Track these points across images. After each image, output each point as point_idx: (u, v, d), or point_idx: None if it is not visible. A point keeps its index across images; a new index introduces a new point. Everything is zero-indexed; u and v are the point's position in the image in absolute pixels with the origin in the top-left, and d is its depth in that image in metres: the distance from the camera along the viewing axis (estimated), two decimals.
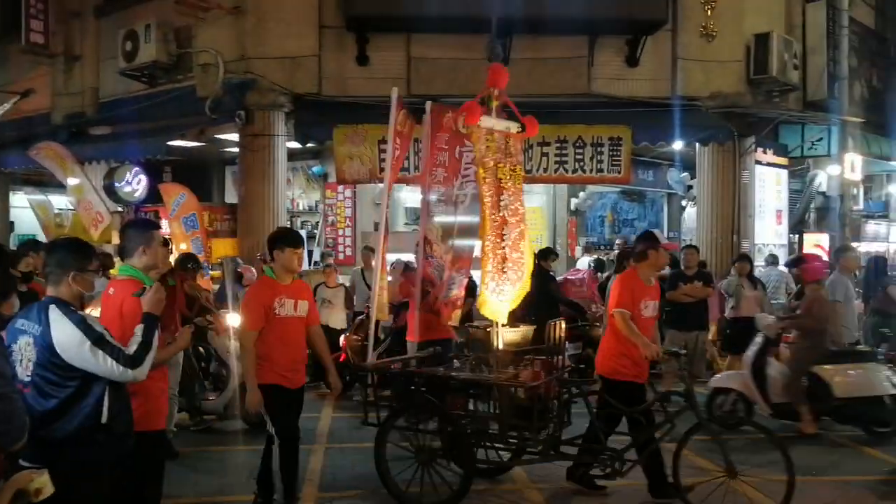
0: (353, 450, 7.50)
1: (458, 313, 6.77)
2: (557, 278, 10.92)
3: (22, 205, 17.91)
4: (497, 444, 5.98)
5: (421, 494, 5.73)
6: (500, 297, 6.15)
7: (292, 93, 11.84)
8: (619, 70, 12.24)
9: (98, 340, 3.41)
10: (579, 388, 6.29)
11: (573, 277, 11.63)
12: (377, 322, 10.05)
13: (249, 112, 11.77)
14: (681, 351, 6.28)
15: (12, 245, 14.26)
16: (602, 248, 14.81)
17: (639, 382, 5.90)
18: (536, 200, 15.16)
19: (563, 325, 6.29)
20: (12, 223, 17.60)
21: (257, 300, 5.25)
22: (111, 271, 9.50)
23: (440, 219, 6.52)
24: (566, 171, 12.09)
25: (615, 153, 12.09)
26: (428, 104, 6.55)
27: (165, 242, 6.82)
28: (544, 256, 9.98)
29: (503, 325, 6.18)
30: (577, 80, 12.00)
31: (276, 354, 5.21)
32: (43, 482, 3.08)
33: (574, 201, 14.63)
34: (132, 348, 3.53)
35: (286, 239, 5.41)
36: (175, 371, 6.92)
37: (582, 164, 12.04)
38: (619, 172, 12.24)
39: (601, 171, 12.09)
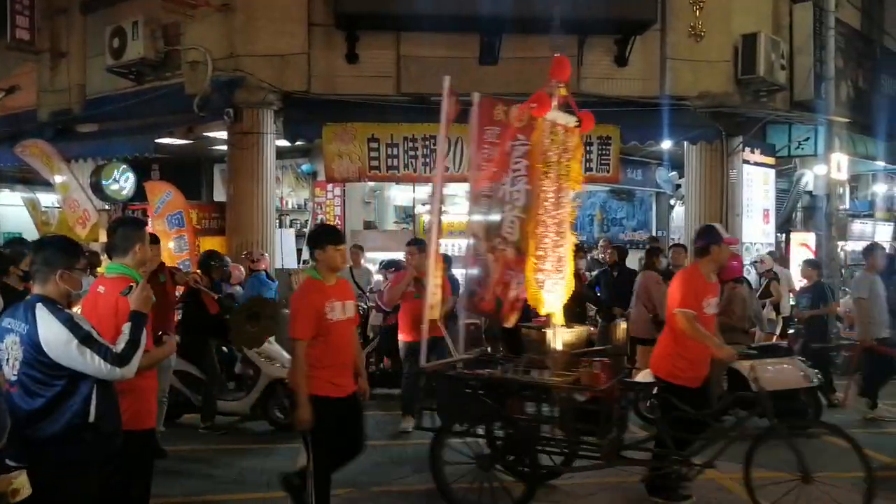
0: None
1: (517, 316, 6.40)
2: None
3: (7, 202, 17.78)
4: (551, 450, 5.82)
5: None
6: (555, 295, 6.06)
7: (281, 91, 11.79)
8: (608, 69, 12.29)
9: (85, 339, 3.40)
10: (643, 390, 6.05)
11: None
12: (384, 320, 10.10)
13: (238, 110, 11.71)
14: (751, 351, 6.15)
15: None
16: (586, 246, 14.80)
17: (695, 386, 5.69)
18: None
19: (624, 327, 6.23)
20: None
21: (308, 306, 4.79)
22: (98, 269, 9.48)
23: (486, 216, 6.23)
24: None
25: (604, 152, 12.13)
26: (475, 95, 6.22)
27: (156, 240, 6.72)
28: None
29: (560, 325, 5.99)
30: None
31: (326, 362, 4.79)
32: (21, 483, 3.06)
33: None
34: (120, 346, 3.51)
35: (328, 236, 5.02)
36: (165, 374, 6.86)
37: None
38: (608, 172, 12.28)
39: (590, 170, 12.09)
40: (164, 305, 6.38)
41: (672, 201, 16.74)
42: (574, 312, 7.79)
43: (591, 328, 10.53)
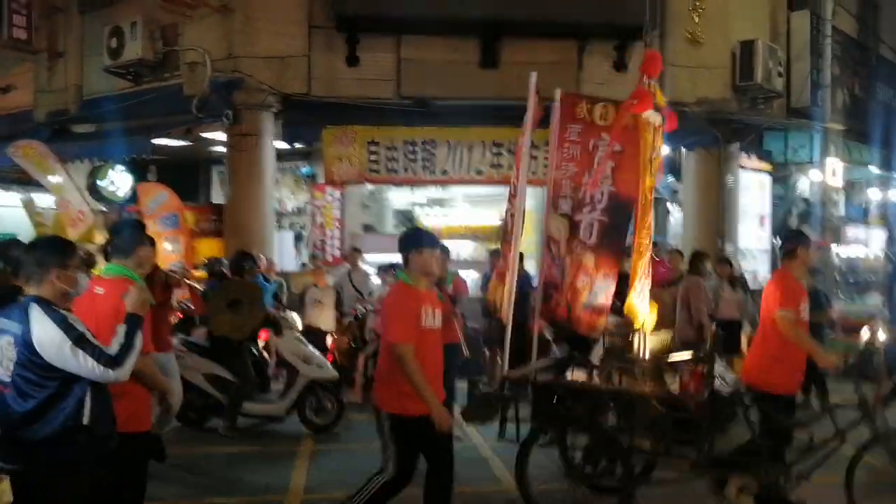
0: (340, 451, 7.56)
1: (602, 320, 6.12)
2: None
3: (2, 203, 17.64)
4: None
5: None
6: (644, 300, 5.90)
7: (281, 93, 11.77)
8: (607, 75, 12.31)
9: (79, 340, 3.38)
10: (737, 398, 5.69)
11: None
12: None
13: (237, 112, 11.67)
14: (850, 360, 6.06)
15: None
16: None
17: (791, 394, 5.52)
18: (526, 204, 15.16)
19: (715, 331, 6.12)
20: None
21: (407, 309, 4.52)
22: (93, 270, 9.42)
23: (565, 218, 6.09)
24: None
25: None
26: (557, 92, 6.10)
27: (152, 241, 6.68)
28: None
29: (647, 332, 5.77)
30: (565, 85, 11.73)
31: (425, 373, 4.49)
32: (2, 490, 3.05)
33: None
34: (114, 349, 3.49)
35: (425, 239, 4.79)
36: (172, 378, 6.62)
37: None
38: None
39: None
40: (158, 308, 6.26)
41: (669, 206, 16.77)
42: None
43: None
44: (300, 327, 8.50)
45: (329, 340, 10.16)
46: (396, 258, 10.93)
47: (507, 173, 12.04)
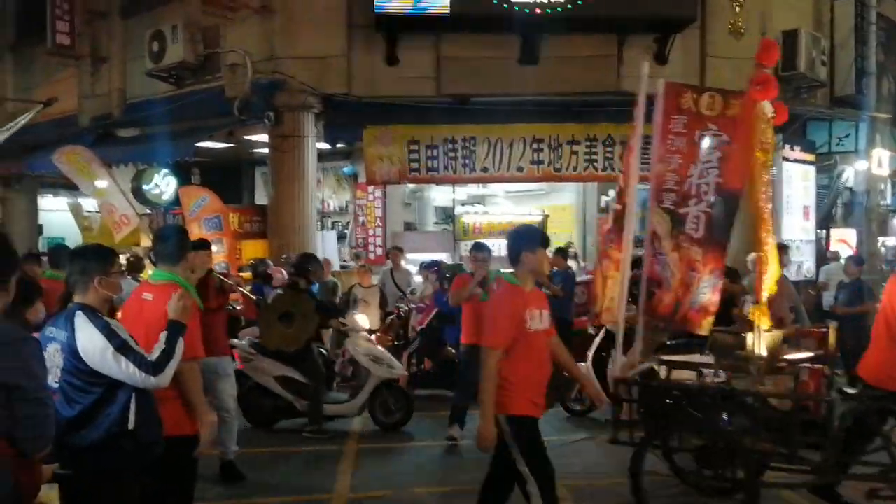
0: (385, 449, 7.60)
1: (709, 320, 5.89)
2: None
3: (50, 208, 18.00)
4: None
5: None
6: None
7: (321, 93, 11.83)
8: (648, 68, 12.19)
9: (121, 347, 3.43)
10: (867, 400, 5.33)
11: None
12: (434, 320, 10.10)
13: (279, 113, 11.75)
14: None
15: (41, 248, 14.32)
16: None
17: None
18: (566, 198, 15.16)
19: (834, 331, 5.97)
20: (41, 226, 17.68)
21: (510, 311, 4.30)
22: (141, 275, 9.55)
23: (670, 212, 5.88)
24: (596, 169, 12.09)
25: (646, 151, 12.03)
26: (660, 82, 5.91)
27: (206, 244, 6.55)
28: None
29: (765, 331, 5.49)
30: (606, 79, 11.97)
31: (528, 377, 4.31)
32: (50, 498, 3.10)
33: (604, 199, 14.59)
34: (154, 355, 3.54)
35: (540, 237, 4.57)
36: (226, 382, 6.50)
37: (612, 161, 12.04)
38: (649, 170, 12.17)
39: None
40: (207, 313, 6.29)
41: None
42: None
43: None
44: (367, 326, 8.43)
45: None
46: (439, 256, 11.05)
47: (547, 169, 12.05)
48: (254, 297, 8.72)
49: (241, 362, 8.02)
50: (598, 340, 8.56)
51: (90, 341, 3.40)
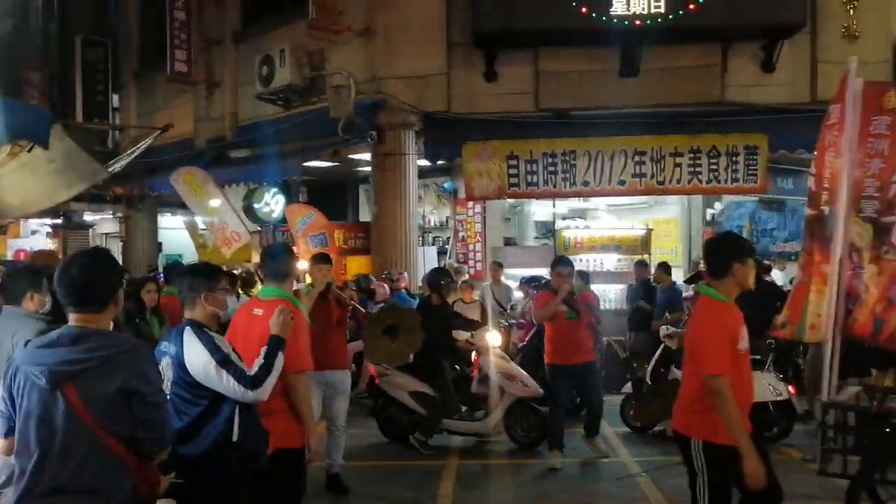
0: (486, 464, 7.62)
1: None
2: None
3: (169, 226, 18.98)
4: None
5: None
6: None
7: (422, 111, 12.04)
8: (754, 77, 11.85)
9: (223, 361, 3.56)
10: None
11: None
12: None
13: (381, 131, 12.01)
14: None
15: (161, 265, 15.08)
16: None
17: None
18: (671, 211, 14.83)
19: None
20: (160, 244, 18.68)
21: (726, 331, 3.92)
22: (253, 290, 9.93)
23: (872, 220, 5.48)
24: (700, 181, 11.79)
25: (751, 162, 11.69)
26: (858, 81, 5.54)
27: (326, 259, 6.56)
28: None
29: None
30: (709, 89, 11.70)
31: (738, 401, 3.84)
32: None
33: (709, 211, 14.21)
34: (254, 369, 3.65)
35: (748, 248, 4.21)
36: (342, 398, 6.57)
37: (716, 173, 11.71)
38: (755, 182, 11.82)
39: (736, 180, 11.73)
40: (327, 327, 6.35)
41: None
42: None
43: None
44: (499, 343, 8.30)
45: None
46: (539, 271, 11.00)
47: (650, 182, 11.83)
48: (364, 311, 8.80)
49: (376, 377, 8.17)
50: (656, 356, 8.56)
51: (195, 355, 3.57)
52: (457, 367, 8.57)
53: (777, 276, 12.60)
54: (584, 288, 8.39)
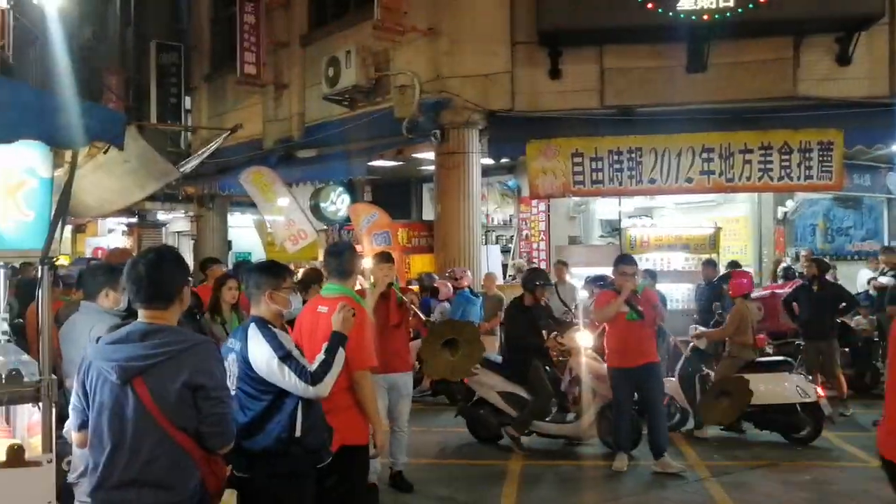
0: (550, 466, 7.51)
1: None
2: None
3: (238, 224, 19.42)
4: None
5: None
6: None
7: (486, 110, 12.02)
8: (828, 70, 11.48)
9: (285, 357, 3.60)
10: None
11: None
12: None
13: (444, 131, 12.02)
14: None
15: (229, 263, 15.42)
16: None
17: None
18: (740, 209, 14.48)
19: None
20: (230, 242, 19.14)
21: None
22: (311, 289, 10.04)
23: None
24: (771, 178, 11.48)
25: (825, 158, 11.34)
26: None
27: (388, 258, 6.45)
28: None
29: None
30: (781, 83, 11.39)
31: None
32: (229, 502, 3.30)
33: (781, 209, 13.83)
34: (314, 366, 3.67)
35: None
36: (405, 401, 6.50)
37: (788, 170, 11.39)
38: (830, 179, 11.46)
39: (810, 177, 11.39)
40: (389, 328, 6.26)
41: None
42: None
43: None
44: (590, 344, 8.05)
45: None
46: (604, 270, 10.88)
47: (718, 180, 11.59)
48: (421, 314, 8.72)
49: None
50: (684, 356, 8.54)
51: (259, 351, 3.63)
52: (547, 368, 8.29)
53: (863, 276, 12.20)
54: (648, 286, 8.19)
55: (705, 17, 10.67)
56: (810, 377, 8.40)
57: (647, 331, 7.20)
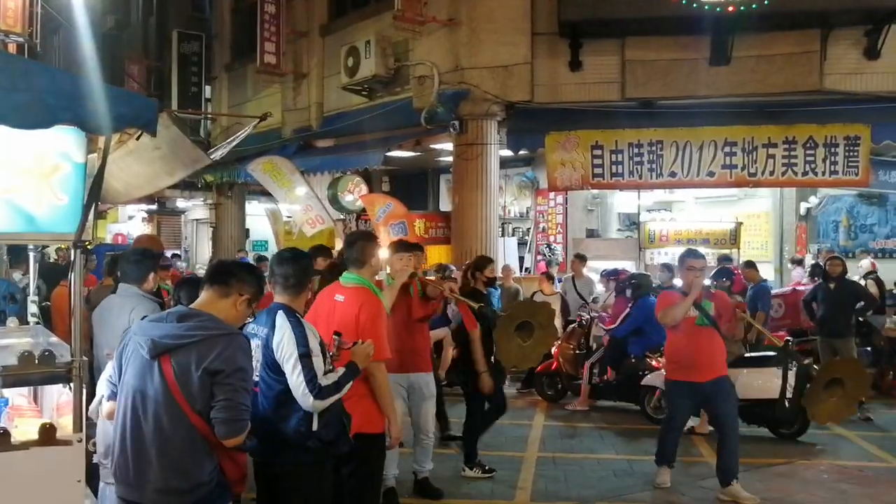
0: (565, 460, 7.43)
1: None
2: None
3: (256, 213, 19.47)
4: None
5: None
6: None
7: (505, 101, 11.90)
8: (856, 64, 11.24)
9: (304, 356, 3.56)
10: None
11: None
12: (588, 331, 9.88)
13: (463, 122, 11.93)
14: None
15: (249, 250, 15.47)
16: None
17: None
18: (762, 205, 14.31)
19: None
20: (248, 230, 19.19)
21: None
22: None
23: None
24: (795, 173, 11.31)
25: (851, 153, 11.15)
26: None
27: (411, 247, 5.98)
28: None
29: None
30: (807, 77, 11.16)
31: None
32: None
33: (804, 205, 13.64)
34: (327, 381, 3.63)
35: None
36: (428, 402, 6.12)
37: (813, 165, 11.22)
38: (857, 174, 11.28)
39: (835, 172, 11.22)
40: (410, 324, 5.85)
41: None
42: None
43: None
44: None
45: (554, 347, 10.11)
46: (622, 264, 10.78)
47: (740, 174, 11.44)
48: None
49: None
50: None
51: (285, 339, 3.60)
52: None
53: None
54: (718, 287, 7.81)
55: (730, 8, 10.47)
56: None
57: (718, 339, 6.25)
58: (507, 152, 12.64)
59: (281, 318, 3.66)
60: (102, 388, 3.56)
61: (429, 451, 6.20)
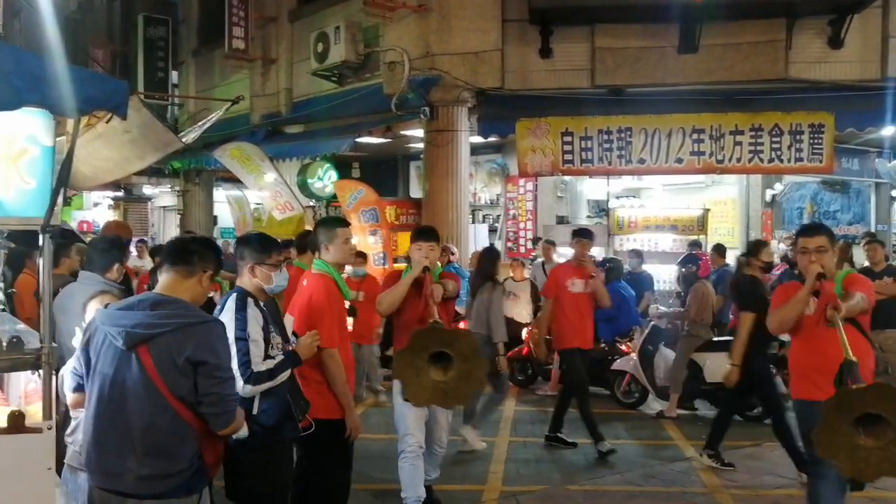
0: (537, 444, 7.50)
1: None
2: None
3: (224, 200, 19.27)
4: None
5: None
6: None
7: (476, 88, 11.90)
8: (820, 53, 11.40)
9: (240, 339, 3.61)
10: None
11: None
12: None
13: (434, 108, 11.89)
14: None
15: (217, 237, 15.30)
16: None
17: None
18: (728, 192, 14.49)
19: None
20: (216, 217, 18.99)
21: None
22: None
23: None
24: (761, 160, 11.46)
25: (816, 141, 11.32)
26: None
27: (429, 235, 5.39)
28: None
29: None
30: (773, 66, 11.29)
31: None
32: None
33: (769, 192, 13.84)
34: (261, 367, 3.67)
35: None
36: (441, 416, 5.57)
37: (779, 153, 11.38)
38: (821, 161, 11.45)
39: (800, 160, 11.39)
40: (416, 322, 5.11)
41: (894, 192, 15.38)
42: None
43: None
44: None
45: (524, 332, 10.18)
46: (595, 250, 10.84)
47: (708, 161, 11.56)
48: None
49: None
50: (644, 334, 9.09)
51: (227, 321, 3.60)
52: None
53: None
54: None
55: None
56: None
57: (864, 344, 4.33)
58: (478, 139, 12.65)
59: (231, 301, 3.73)
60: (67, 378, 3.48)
61: (438, 460, 5.77)
